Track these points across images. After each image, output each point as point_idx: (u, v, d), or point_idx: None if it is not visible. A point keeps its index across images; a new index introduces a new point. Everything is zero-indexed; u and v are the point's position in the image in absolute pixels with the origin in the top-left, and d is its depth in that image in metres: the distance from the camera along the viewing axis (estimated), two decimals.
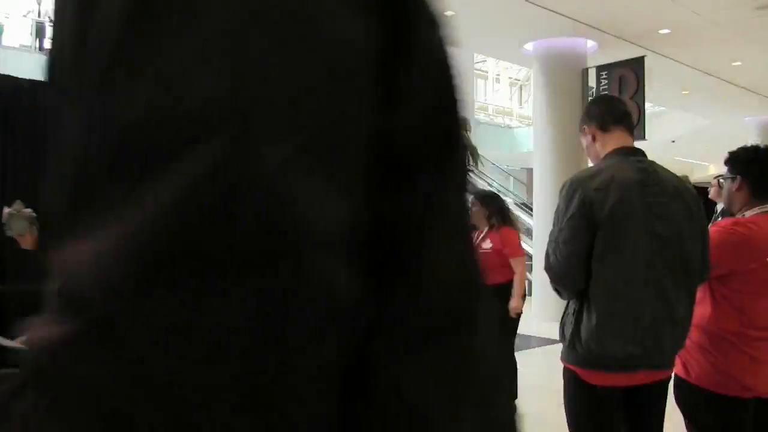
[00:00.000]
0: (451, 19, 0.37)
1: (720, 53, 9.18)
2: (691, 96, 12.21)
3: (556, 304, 2.89)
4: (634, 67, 8.43)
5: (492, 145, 16.93)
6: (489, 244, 4.19)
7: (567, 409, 2.08)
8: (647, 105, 9.23)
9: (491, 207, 4.28)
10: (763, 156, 2.24)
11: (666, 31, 8.23)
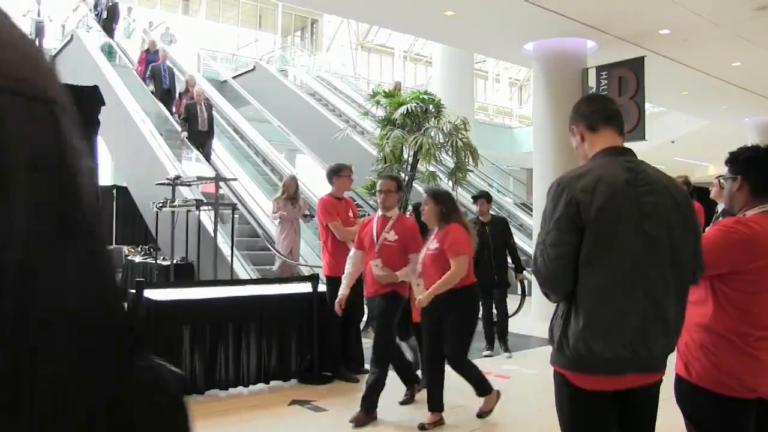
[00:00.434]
0: (452, 20, 0.37)
1: (720, 53, 9.17)
2: (691, 96, 12.20)
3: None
4: (633, 67, 8.44)
5: (492, 145, 16.94)
6: (435, 245, 4.14)
7: (558, 412, 2.05)
8: (647, 105, 9.22)
9: (442, 204, 4.23)
10: (763, 156, 2.23)
11: (666, 31, 8.22)
